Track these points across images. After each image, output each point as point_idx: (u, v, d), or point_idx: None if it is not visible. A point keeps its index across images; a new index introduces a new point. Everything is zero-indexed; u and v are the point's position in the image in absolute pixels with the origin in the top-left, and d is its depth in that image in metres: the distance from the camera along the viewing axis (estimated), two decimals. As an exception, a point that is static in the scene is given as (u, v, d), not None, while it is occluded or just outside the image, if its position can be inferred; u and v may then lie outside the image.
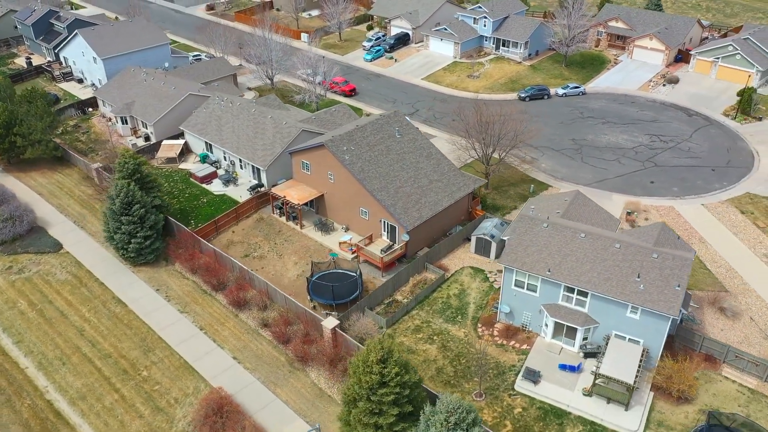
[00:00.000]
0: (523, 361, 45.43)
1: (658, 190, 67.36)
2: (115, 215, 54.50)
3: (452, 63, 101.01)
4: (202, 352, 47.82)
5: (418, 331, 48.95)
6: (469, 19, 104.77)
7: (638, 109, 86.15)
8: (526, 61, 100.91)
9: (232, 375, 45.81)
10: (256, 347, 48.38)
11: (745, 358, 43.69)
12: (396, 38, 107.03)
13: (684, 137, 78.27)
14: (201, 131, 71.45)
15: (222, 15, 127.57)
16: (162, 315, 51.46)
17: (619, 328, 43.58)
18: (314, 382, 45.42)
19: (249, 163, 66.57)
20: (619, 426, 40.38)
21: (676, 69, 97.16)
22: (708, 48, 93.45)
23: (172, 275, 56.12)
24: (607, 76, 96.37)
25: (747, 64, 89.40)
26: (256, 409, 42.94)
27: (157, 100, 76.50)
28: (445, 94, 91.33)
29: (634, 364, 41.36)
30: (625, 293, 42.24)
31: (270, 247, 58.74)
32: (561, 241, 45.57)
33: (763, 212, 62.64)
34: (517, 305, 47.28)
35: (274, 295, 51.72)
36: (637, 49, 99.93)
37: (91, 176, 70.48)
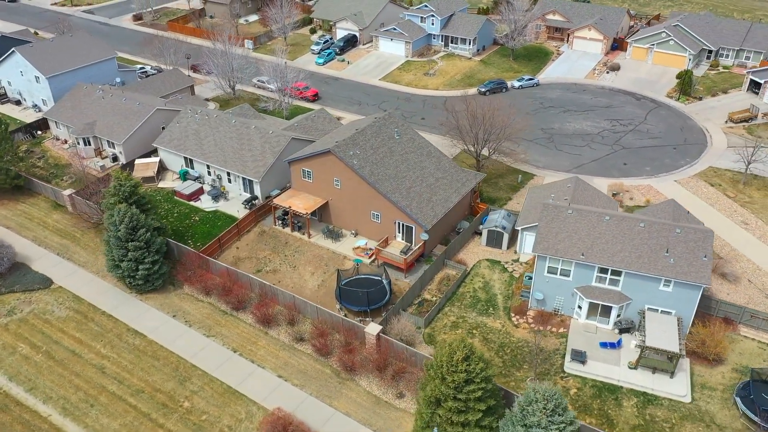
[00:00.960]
0: (563, 344, 47.25)
1: (632, 170, 71.70)
2: (120, 242, 51.25)
3: (405, 62, 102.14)
4: (244, 375, 46.10)
5: (456, 327, 49.65)
6: (416, 18, 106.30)
7: (591, 96, 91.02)
8: (476, 57, 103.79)
9: (282, 394, 44.53)
10: (298, 362, 47.23)
11: (760, 316, 47.74)
12: (345, 40, 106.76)
13: (639, 120, 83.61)
14: (178, 147, 68.33)
15: (152, 25, 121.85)
16: (188, 341, 49.07)
17: (651, 302, 46.31)
18: (367, 390, 45.03)
19: (239, 176, 64.50)
20: (670, 393, 43.02)
21: (614, 57, 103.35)
22: (643, 36, 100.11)
23: (185, 299, 53.55)
24: (554, 67, 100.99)
25: (680, 49, 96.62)
26: (320, 424, 42.07)
27: (122, 118, 72.28)
28: (408, 93, 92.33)
29: (675, 333, 44.17)
30: (657, 268, 44.96)
31: (281, 260, 57.32)
32: (588, 225, 47.75)
33: (729, 183, 68.24)
34: (550, 291, 49.06)
35: (303, 307, 50.65)
36: (576, 39, 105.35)
37: (62, 204, 65.64)
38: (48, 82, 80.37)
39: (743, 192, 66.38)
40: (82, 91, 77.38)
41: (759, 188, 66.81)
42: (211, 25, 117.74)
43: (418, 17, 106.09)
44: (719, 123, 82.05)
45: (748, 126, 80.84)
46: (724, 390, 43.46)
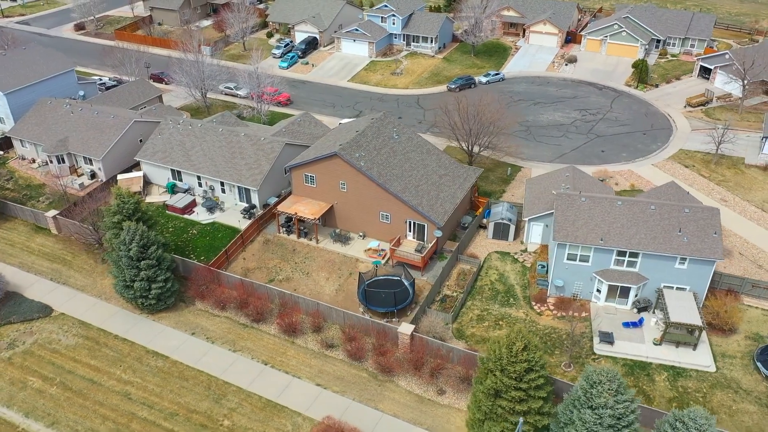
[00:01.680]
0: (588, 327, 48.94)
1: (610, 157, 74.89)
2: (132, 262, 48.98)
3: (370, 62, 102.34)
4: (281, 387, 45.19)
5: (482, 320, 50.48)
6: (377, 19, 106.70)
7: (556, 88, 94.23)
8: (438, 55, 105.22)
9: (325, 402, 43.97)
10: (332, 369, 46.74)
11: (761, 285, 51.11)
12: (306, 43, 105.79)
13: (606, 109, 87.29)
14: (164, 159, 65.89)
15: (96, 34, 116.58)
16: (215, 358, 47.58)
17: (667, 280, 48.71)
18: (407, 389, 45.12)
19: (235, 185, 62.92)
20: (695, 364, 45.44)
21: (569, 49, 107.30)
22: (596, 28, 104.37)
23: (200, 315, 51.85)
24: (515, 62, 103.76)
25: (632, 40, 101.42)
26: (371, 428, 41.86)
27: (97, 132, 68.92)
28: (380, 93, 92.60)
29: (694, 308, 46.69)
30: (673, 247, 47.35)
31: (292, 267, 56.42)
32: (602, 211, 49.65)
33: (702, 164, 72.44)
34: (569, 277, 50.68)
35: (328, 313, 50.11)
36: (533, 34, 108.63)
37: (44, 226, 62.00)
38: (6, 98, 75.49)
39: (716, 171, 70.62)
40: (46, 106, 73.22)
41: (729, 167, 71.26)
42: (164, 32, 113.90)
43: (379, 17, 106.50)
44: (678, 108, 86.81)
45: (705, 109, 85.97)
46: (743, 357, 46.32)
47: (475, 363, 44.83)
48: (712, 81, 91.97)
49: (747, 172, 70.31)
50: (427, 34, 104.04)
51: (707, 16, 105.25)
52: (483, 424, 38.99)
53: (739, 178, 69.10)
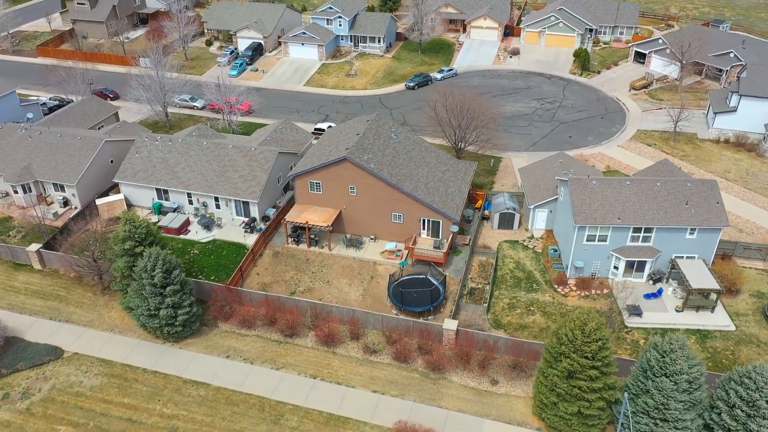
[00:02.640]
0: (613, 303, 51.49)
1: (578, 141, 78.79)
2: (156, 289, 46.04)
3: (322, 66, 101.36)
4: (337, 398, 44.26)
5: (513, 307, 51.79)
6: (322, 21, 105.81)
7: (508, 80, 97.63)
8: (387, 54, 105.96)
9: (387, 407, 43.57)
10: (382, 374, 46.33)
11: (752, 247, 55.87)
12: (252, 49, 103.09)
13: (560, 96, 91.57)
14: (147, 179, 62.23)
15: (14, 51, 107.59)
16: (259, 378, 45.79)
17: (678, 251, 52.18)
18: (462, 384, 45.60)
19: (231, 200, 60.54)
20: (717, 325, 49.07)
21: (509, 42, 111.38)
22: (534, 21, 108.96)
23: (227, 337, 49.66)
24: (462, 57, 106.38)
25: (569, 30, 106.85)
26: (442, 426, 41.97)
27: (65, 156, 63.93)
28: (341, 96, 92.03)
29: (708, 274, 50.36)
30: (683, 220, 50.80)
31: (310, 277, 55.19)
32: (614, 192, 52.36)
33: (661, 141, 77.80)
34: (588, 257, 53.04)
35: (365, 319, 49.56)
36: (473, 29, 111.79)
37: (23, 263, 56.86)
38: (-55, 128, 68.37)
39: (676, 147, 76.15)
40: (-3, 133, 67.05)
41: (686, 143, 77.04)
42: (96, 46, 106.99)
43: (324, 19, 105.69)
44: (624, 92, 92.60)
45: (648, 91, 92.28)
46: (754, 313, 50.53)
47: (522, 350, 46.17)
48: (648, 65, 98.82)
49: (702, 146, 76.36)
50: (375, 34, 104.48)
51: (632, 6, 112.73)
52: (556, 406, 40.22)
53: (698, 152, 74.93)
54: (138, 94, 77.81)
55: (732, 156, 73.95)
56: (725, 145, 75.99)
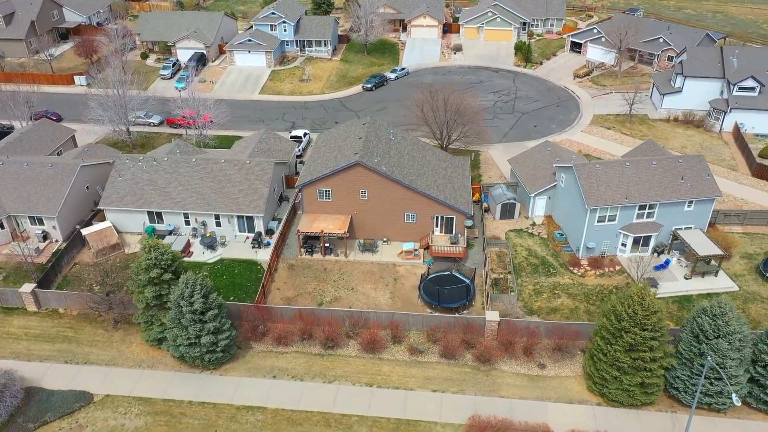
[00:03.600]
0: (628, 278, 54.55)
1: (544, 130, 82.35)
2: (196, 315, 43.60)
3: (272, 72, 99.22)
4: (400, 403, 44.02)
5: (539, 293, 53.58)
6: (265, 27, 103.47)
7: (459, 75, 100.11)
8: (334, 57, 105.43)
9: (451, 405, 43.89)
10: (435, 373, 46.57)
11: (731, 214, 61.04)
12: (195, 60, 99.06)
13: (513, 88, 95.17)
14: (137, 202, 58.55)
15: None
16: (315, 394, 44.63)
17: (678, 223, 56.14)
18: (513, 372, 46.77)
19: (234, 216, 58.23)
20: (723, 288, 53.29)
21: (449, 39, 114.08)
22: (472, 17, 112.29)
23: (267, 357, 47.94)
24: (408, 56, 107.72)
25: (506, 24, 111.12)
26: (510, 415, 42.80)
27: (39, 187, 58.80)
28: (301, 102, 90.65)
29: (708, 241, 54.59)
30: (682, 194, 54.75)
31: (333, 286, 54.30)
32: (617, 173, 55.45)
33: (618, 124, 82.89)
34: (599, 237, 55.85)
35: (405, 321, 49.51)
36: (414, 28, 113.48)
37: (16, 306, 51.86)
38: None
39: (633, 129, 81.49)
40: (-49, 167, 60.50)
41: (641, 124, 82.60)
42: (20, 65, 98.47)
43: (267, 25, 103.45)
44: (569, 80, 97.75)
45: (591, 78, 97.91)
46: (749, 272, 55.37)
47: (564, 332, 47.98)
48: (584, 54, 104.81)
49: (656, 125, 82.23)
50: (321, 37, 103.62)
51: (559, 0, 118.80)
52: (618, 380, 42.21)
53: (654, 131, 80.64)
54: (97, 115, 72.77)
55: (684, 133, 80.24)
56: (675, 123, 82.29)
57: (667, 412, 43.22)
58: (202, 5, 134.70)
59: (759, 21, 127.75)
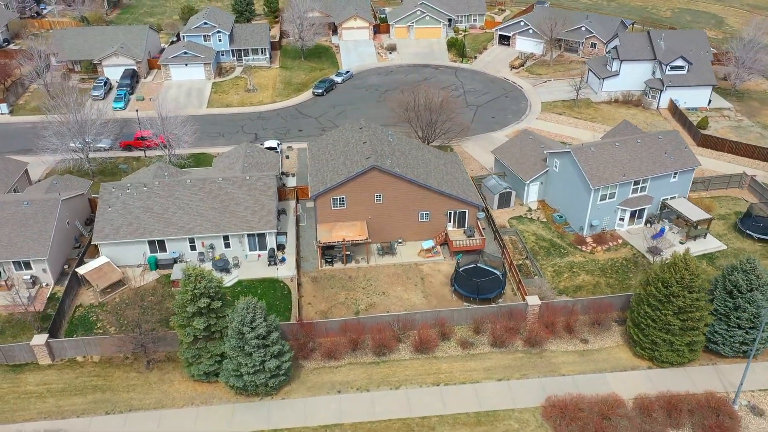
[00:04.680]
0: (634, 250, 58.58)
1: (503, 120, 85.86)
2: (260, 340, 41.53)
3: (214, 85, 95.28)
4: (472, 397, 44.64)
5: (560, 274, 56.18)
6: (198, 38, 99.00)
7: (403, 74, 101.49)
8: (273, 65, 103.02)
9: (521, 390, 45.17)
10: (492, 363, 47.61)
11: (697, 181, 67.18)
12: (129, 77, 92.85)
13: (458, 83, 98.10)
14: (135, 233, 54.40)
15: None
16: (387, 402, 44.15)
17: (665, 194, 61.10)
18: (562, 350, 48.87)
19: (245, 234, 55.72)
20: (714, 248, 58.74)
21: (379, 40, 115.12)
22: (402, 16, 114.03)
23: (322, 373, 46.65)
24: (346, 58, 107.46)
25: (434, 22, 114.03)
26: (578, 390, 44.75)
27: (19, 228, 52.93)
28: (256, 112, 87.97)
29: (695, 207, 59.91)
30: (668, 167, 59.65)
31: (363, 293, 53.70)
32: (610, 153, 59.30)
33: (568, 109, 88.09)
34: (600, 215, 59.48)
35: (450, 317, 50.11)
36: (345, 31, 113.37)
37: (23, 362, 46.55)
38: None
39: (581, 112, 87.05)
40: None
41: (587, 107, 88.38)
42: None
43: (200, 36, 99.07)
44: (506, 72, 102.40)
45: (526, 68, 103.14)
46: (729, 231, 61.43)
47: (599, 307, 50.77)
48: (513, 46, 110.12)
49: (601, 108, 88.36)
50: (258, 45, 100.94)
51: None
52: (669, 342, 45.44)
53: (600, 113, 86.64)
54: (52, 144, 66.43)
55: (627, 112, 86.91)
56: (617, 104, 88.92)
57: (709, 365, 47.27)
58: (106, 19, 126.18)
59: (648, 7, 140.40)
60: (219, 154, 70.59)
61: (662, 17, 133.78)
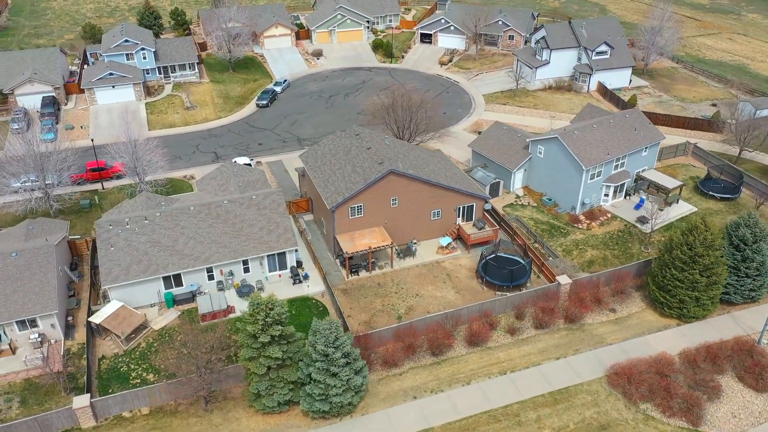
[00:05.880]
0: (624, 222, 63.31)
1: (454, 115, 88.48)
2: (348, 358, 40.23)
3: (148, 105, 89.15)
4: (540, 379, 46.39)
5: (569, 252, 59.48)
6: (121, 57, 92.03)
7: (340, 79, 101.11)
8: (203, 79, 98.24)
9: (580, 364, 47.61)
10: (543, 344, 49.61)
11: (654, 153, 73.91)
12: (50, 105, 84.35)
13: (398, 83, 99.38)
14: (148, 271, 50.15)
15: None
16: (465, 398, 44.69)
17: (637, 167, 66.66)
18: (598, 322, 51.97)
19: (264, 256, 53.28)
20: (689, 210, 64.86)
21: (301, 46, 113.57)
22: (323, 21, 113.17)
23: (388, 382, 46.08)
24: (276, 67, 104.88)
25: (355, 25, 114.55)
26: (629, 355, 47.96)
27: (14, 283, 46.87)
28: (205, 130, 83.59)
29: (666, 176, 65.95)
30: (640, 142, 65.15)
31: (398, 297, 53.56)
32: (591, 135, 63.58)
33: (509, 98, 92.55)
34: (590, 193, 63.66)
35: (493, 307, 51.49)
36: (267, 39, 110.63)
37: (64, 428, 41.51)
38: None
39: (523, 101, 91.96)
40: None
41: (526, 96, 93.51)
42: None
43: (123, 55, 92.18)
44: (437, 68, 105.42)
45: (454, 64, 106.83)
46: (692, 194, 68.13)
47: (621, 277, 54.58)
48: (435, 43, 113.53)
49: (539, 95, 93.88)
50: (186, 60, 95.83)
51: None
52: (694, 299, 49.99)
53: (540, 100, 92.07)
54: (9, 185, 59.09)
55: (562, 97, 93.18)
56: (551, 90, 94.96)
57: (725, 314, 52.60)
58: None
59: None
60: (193, 177, 66.65)
61: (552, 7, 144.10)
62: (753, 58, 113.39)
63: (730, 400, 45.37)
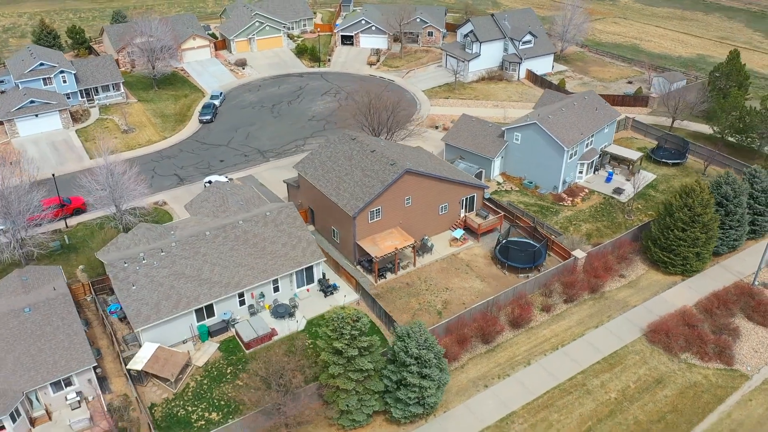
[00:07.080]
0: (601, 195, 68.11)
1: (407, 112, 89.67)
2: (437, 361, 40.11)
3: (79, 131, 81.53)
4: (590, 348, 49.26)
5: (567, 228, 63.00)
6: (37, 83, 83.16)
7: (276, 87, 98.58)
8: (131, 98, 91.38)
9: (617, 328, 51.11)
10: (577, 316, 52.56)
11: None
12: (-33, 143, 74.63)
13: (333, 86, 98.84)
14: (178, 306, 46.49)
15: None
16: (531, 378, 46.47)
17: (602, 143, 71.97)
18: (615, 288, 55.92)
19: (293, 272, 51.29)
20: (651, 177, 70.92)
21: (220, 56, 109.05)
22: (241, 30, 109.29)
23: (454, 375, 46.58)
24: (203, 80, 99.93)
25: (274, 31, 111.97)
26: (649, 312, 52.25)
27: (38, 340, 41.43)
28: (155, 152, 78.16)
29: (628, 150, 71.83)
30: (603, 120, 70.40)
31: (431, 294, 54.03)
32: (563, 117, 67.66)
33: (450, 92, 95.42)
34: (570, 171, 67.81)
35: (525, 289, 53.53)
36: (186, 52, 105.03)
37: (142, 489, 37.77)
38: None
39: (463, 93, 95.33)
40: None
41: (465, 88, 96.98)
42: None
43: (39, 80, 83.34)
44: (367, 68, 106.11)
45: (383, 63, 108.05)
46: (645, 163, 74.78)
47: (623, 244, 58.99)
48: (357, 44, 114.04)
49: (475, 86, 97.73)
50: (110, 81, 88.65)
51: (299, 0, 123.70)
52: (696, 255, 55.31)
53: (479, 91, 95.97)
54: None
55: (497, 86, 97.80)
56: (486, 81, 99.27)
57: (716, 265, 58.67)
58: None
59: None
60: (165, 203, 62.63)
61: (448, 4, 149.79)
62: (641, 39, 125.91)
63: (748, 338, 51.01)
